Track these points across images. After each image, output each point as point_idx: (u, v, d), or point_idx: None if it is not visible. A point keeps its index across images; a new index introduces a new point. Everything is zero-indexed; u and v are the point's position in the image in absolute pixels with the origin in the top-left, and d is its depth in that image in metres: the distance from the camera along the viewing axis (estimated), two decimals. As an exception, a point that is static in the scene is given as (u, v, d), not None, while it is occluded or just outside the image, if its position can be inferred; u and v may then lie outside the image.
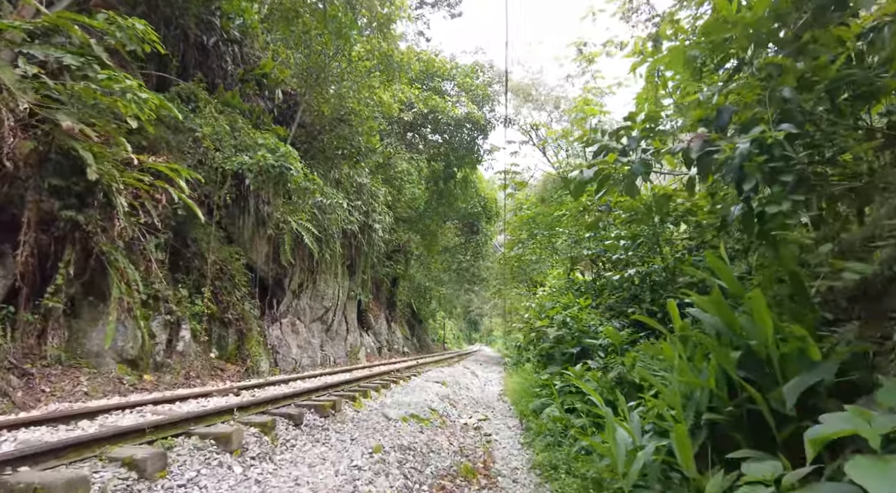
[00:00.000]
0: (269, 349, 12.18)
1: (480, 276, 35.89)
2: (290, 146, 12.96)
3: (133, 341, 8.30)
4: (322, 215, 12.70)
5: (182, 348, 9.55)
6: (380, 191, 15.62)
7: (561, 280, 10.55)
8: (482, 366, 20.81)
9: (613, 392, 5.59)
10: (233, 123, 10.19)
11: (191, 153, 9.44)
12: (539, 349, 9.62)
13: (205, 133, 9.44)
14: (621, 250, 6.78)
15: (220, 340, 10.80)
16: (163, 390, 7.67)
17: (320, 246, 13.20)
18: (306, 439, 4.81)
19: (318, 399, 6.31)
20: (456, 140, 20.91)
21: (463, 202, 26.54)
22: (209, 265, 10.27)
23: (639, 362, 5.10)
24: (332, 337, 16.37)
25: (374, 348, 20.89)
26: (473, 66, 21.11)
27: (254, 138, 9.94)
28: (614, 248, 7.12)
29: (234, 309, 11.10)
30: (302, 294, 14.23)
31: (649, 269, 6.47)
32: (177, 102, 9.65)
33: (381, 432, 5.67)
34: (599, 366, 6.32)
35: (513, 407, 9.48)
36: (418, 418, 6.73)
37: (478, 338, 71.15)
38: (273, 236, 12.29)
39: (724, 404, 3.15)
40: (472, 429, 7.21)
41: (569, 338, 7.82)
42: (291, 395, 6.34)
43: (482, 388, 11.84)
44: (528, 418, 7.55)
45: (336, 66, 13.49)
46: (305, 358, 13.85)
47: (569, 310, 8.06)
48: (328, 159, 14.19)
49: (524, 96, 19.42)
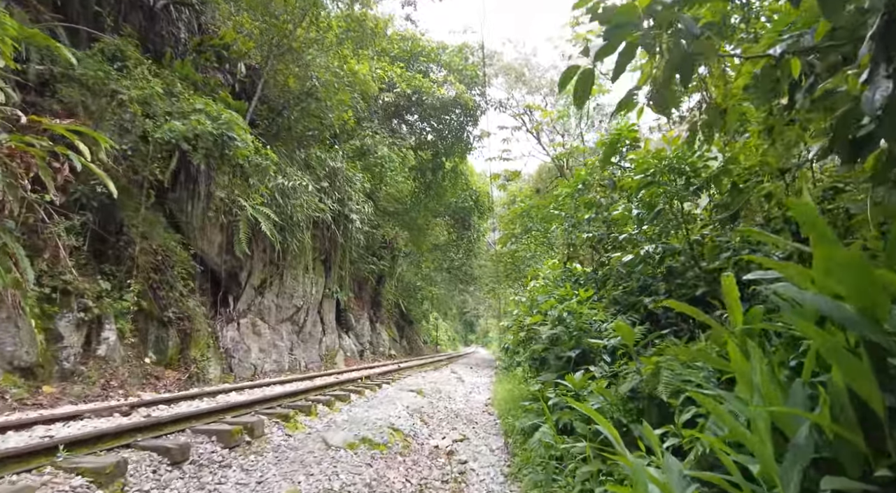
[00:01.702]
0: (221, 353, 10.61)
1: (473, 274, 34.42)
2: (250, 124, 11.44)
3: (30, 345, 6.73)
4: (284, 200, 11.15)
5: (104, 353, 7.98)
6: (356, 177, 14.08)
7: (556, 271, 9.04)
8: (472, 370, 19.27)
9: (627, 412, 4.09)
10: (170, 86, 8.65)
11: (113, 119, 7.88)
12: (530, 352, 8.11)
13: (131, 96, 7.89)
14: (634, 223, 5.26)
15: (158, 342, 9.24)
16: (42, 409, 6.05)
17: (284, 236, 11.64)
18: (182, 488, 3.27)
19: (234, 420, 4.76)
20: (444, 126, 19.40)
21: (453, 196, 24.98)
22: (140, 254, 8.70)
23: (665, 372, 3.60)
24: (304, 339, 14.79)
25: (356, 350, 19.31)
26: (461, 47, 19.62)
27: (192, 104, 8.40)
28: (624, 220, 5.60)
29: (177, 307, 9.54)
30: (266, 291, 12.67)
31: (668, 248, 4.97)
32: (99, 59, 8.10)
33: (310, 467, 4.13)
34: (605, 374, 4.81)
35: (499, 421, 7.97)
36: (371, 442, 5.19)
37: (474, 340, 69.83)
38: (227, 225, 10.74)
39: (861, 458, 1.68)
40: (444, 455, 5.67)
41: (565, 338, 6.30)
42: (201, 414, 4.79)
43: (466, 397, 10.31)
44: (515, 437, 6.04)
45: (303, 34, 11.96)
46: (269, 363, 12.28)
47: (566, 303, 6.54)
48: (296, 139, 12.65)
49: (516, 77, 17.93)
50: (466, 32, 61.11)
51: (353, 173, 14.13)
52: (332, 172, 13.51)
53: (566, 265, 9.00)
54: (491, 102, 18.73)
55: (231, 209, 10.60)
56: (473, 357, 33.63)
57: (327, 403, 6.57)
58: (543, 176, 23.04)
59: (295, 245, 12.37)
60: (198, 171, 10.31)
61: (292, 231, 11.85)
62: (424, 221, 24.41)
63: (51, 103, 7.86)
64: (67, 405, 6.21)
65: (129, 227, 8.86)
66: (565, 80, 2.27)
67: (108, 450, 3.47)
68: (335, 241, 14.97)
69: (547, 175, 22.64)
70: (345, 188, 13.92)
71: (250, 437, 4.47)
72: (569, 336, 6.21)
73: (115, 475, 2.96)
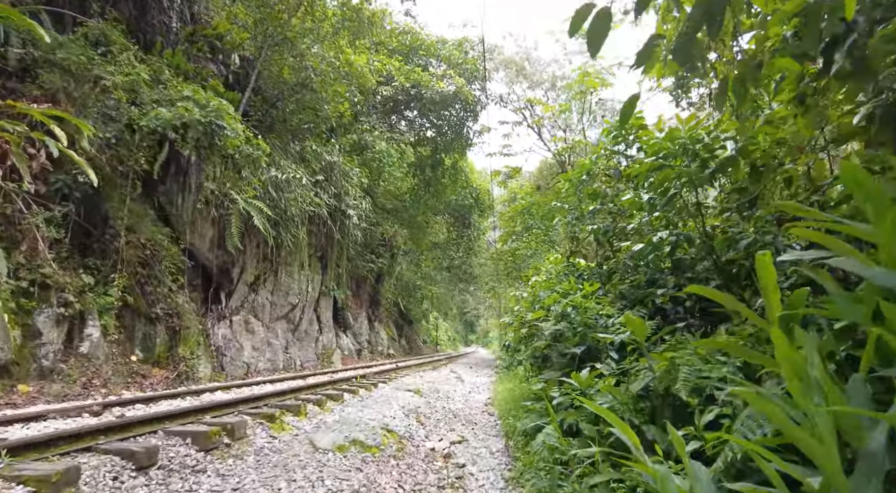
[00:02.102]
0: (212, 351, 10.27)
1: (473, 273, 34.07)
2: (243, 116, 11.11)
3: (3, 342, 6.39)
4: (278, 194, 10.81)
5: (87, 350, 7.65)
6: (353, 171, 13.72)
7: (559, 266, 8.68)
8: (472, 369, 18.92)
9: (638, 412, 3.75)
10: (157, 73, 8.31)
11: (96, 106, 7.54)
12: (532, 349, 7.77)
13: (116, 82, 7.55)
14: (645, 210, 4.90)
15: (145, 339, 8.90)
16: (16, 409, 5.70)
17: (278, 231, 11.30)
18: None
19: (214, 421, 4.42)
20: (444, 122, 19.04)
21: (453, 193, 24.60)
22: (126, 247, 8.36)
23: (684, 368, 3.26)
24: (300, 338, 14.45)
25: (353, 349, 18.96)
26: (461, 41, 19.25)
27: (180, 92, 8.06)
28: (633, 208, 5.25)
29: (166, 303, 9.20)
30: (260, 288, 12.32)
31: (683, 235, 4.61)
32: (82, 45, 7.76)
33: (293, 472, 3.79)
34: (613, 372, 4.46)
35: (500, 422, 7.62)
36: (362, 445, 4.85)
37: (474, 340, 69.55)
38: (218, 218, 10.40)
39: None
40: (441, 458, 5.32)
41: (569, 334, 5.96)
42: (178, 414, 4.45)
43: (465, 397, 9.96)
44: (516, 438, 5.69)
45: (299, 23, 11.63)
46: (263, 361, 11.93)
47: (570, 298, 6.20)
48: (290, 132, 12.31)
49: (517, 70, 17.57)
50: (466, 26, 60.40)
51: (350, 168, 13.79)
52: (328, 166, 13.16)
53: (569, 260, 8.65)
54: (491, 96, 18.40)
55: (223, 202, 10.26)
56: (473, 357, 33.26)
57: (318, 402, 6.22)
58: (545, 173, 22.70)
59: (289, 241, 12.03)
60: (188, 162, 9.98)
61: (286, 226, 11.50)
62: (424, 219, 24.06)
63: (31, 89, 7.52)
64: (40, 405, 5.86)
65: (115, 219, 8.52)
66: (578, 22, 1.92)
67: (64, 454, 3.12)
68: (332, 237, 14.63)
69: (548, 172, 22.28)
70: (341, 183, 13.57)
71: (230, 439, 4.13)
72: (573, 332, 5.87)
73: (65, 482, 2.62)
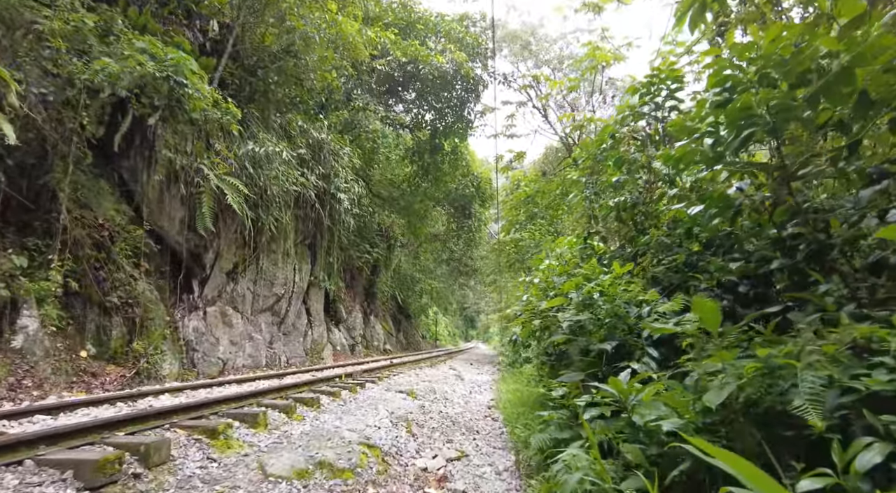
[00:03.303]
0: (181, 346, 9.13)
1: (474, 266, 32.96)
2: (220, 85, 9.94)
3: None
4: (257, 171, 9.65)
5: (21, 344, 6.52)
6: (343, 150, 12.55)
7: (574, 249, 7.51)
8: (472, 366, 17.82)
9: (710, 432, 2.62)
10: (108, 22, 7.14)
11: (29, 57, 6.37)
12: (545, 345, 6.62)
13: (52, 28, 6.38)
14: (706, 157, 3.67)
15: (99, 332, 7.77)
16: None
17: (257, 213, 10.15)
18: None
19: (123, 440, 3.28)
20: (443, 103, 17.82)
21: (453, 182, 23.37)
22: (74, 226, 7.22)
23: (810, 375, 2.11)
24: (286, 332, 13.32)
25: (347, 345, 17.86)
26: (462, 16, 17.98)
27: (134, 45, 6.88)
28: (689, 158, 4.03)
29: (124, 290, 8.07)
30: (240, 277, 11.18)
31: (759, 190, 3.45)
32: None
33: (220, 518, 2.65)
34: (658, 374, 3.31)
35: (506, 429, 6.49)
36: (331, 469, 3.71)
37: (475, 335, 68.75)
38: (188, 197, 9.24)
39: None
40: (434, 481, 4.18)
41: (592, 327, 4.82)
42: (78, 430, 3.31)
43: (466, 398, 8.83)
44: (527, 453, 4.57)
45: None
46: (242, 357, 10.81)
47: (593, 283, 5.04)
48: (274, 104, 11.13)
49: (522, 46, 16.34)
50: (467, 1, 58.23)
51: (341, 147, 12.61)
52: (316, 143, 11.98)
53: (586, 242, 7.49)
54: (496, 74, 17.16)
55: (193, 179, 9.11)
56: (474, 353, 32.19)
57: (286, 409, 5.08)
58: (550, 158, 21.53)
59: (272, 225, 10.87)
60: (154, 134, 8.82)
61: (267, 207, 10.35)
62: (422, 208, 22.89)
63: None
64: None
65: (61, 193, 7.37)
66: None
67: None
68: (321, 223, 13.46)
69: (554, 157, 21.11)
70: (331, 163, 12.40)
71: (143, 465, 2.99)
72: (598, 325, 4.73)
73: None
